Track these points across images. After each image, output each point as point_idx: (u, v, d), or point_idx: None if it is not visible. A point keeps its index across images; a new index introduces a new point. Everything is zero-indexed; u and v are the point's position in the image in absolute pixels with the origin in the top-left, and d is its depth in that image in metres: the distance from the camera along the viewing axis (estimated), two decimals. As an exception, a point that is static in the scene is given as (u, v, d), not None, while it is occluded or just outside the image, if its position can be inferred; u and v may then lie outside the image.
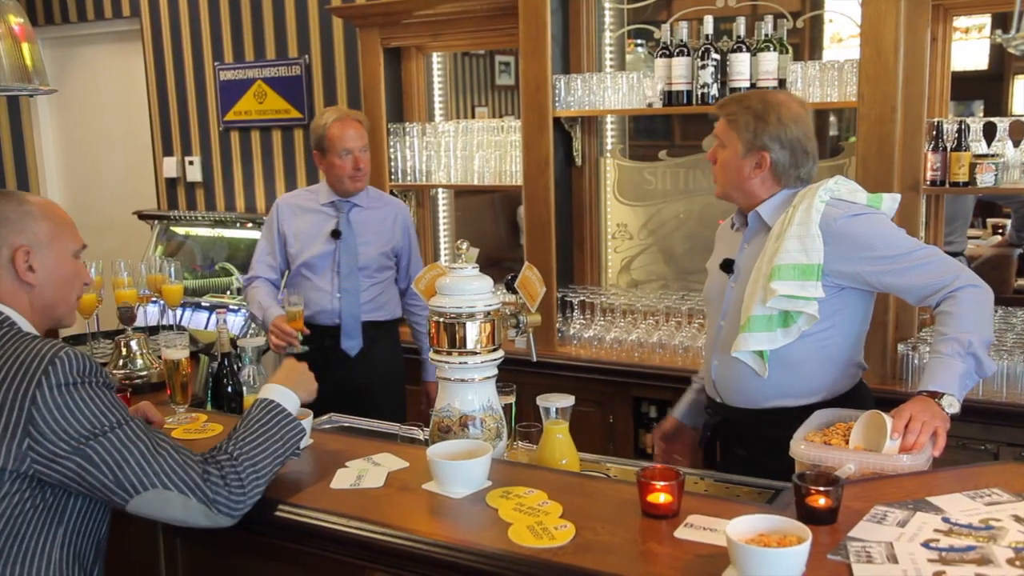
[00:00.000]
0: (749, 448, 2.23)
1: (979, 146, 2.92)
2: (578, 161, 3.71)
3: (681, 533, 1.58)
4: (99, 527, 1.72)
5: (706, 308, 2.44)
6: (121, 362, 2.75)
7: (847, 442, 1.90)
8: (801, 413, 2.06)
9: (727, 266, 2.27)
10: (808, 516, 1.55)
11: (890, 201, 2.18)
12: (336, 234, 3.14)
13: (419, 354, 3.36)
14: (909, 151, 2.92)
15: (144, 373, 2.76)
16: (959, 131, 2.89)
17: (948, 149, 2.90)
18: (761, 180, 2.18)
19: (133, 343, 2.79)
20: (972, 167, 2.87)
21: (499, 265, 4.31)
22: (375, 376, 3.24)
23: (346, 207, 3.18)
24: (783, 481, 1.94)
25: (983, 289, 2.02)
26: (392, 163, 3.99)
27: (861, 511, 1.61)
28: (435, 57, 4.18)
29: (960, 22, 3.32)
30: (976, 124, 2.94)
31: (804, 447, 1.86)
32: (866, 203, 2.14)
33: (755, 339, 2.11)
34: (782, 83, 3.09)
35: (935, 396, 1.89)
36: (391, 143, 3.98)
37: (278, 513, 1.76)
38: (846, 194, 2.13)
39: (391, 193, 4.02)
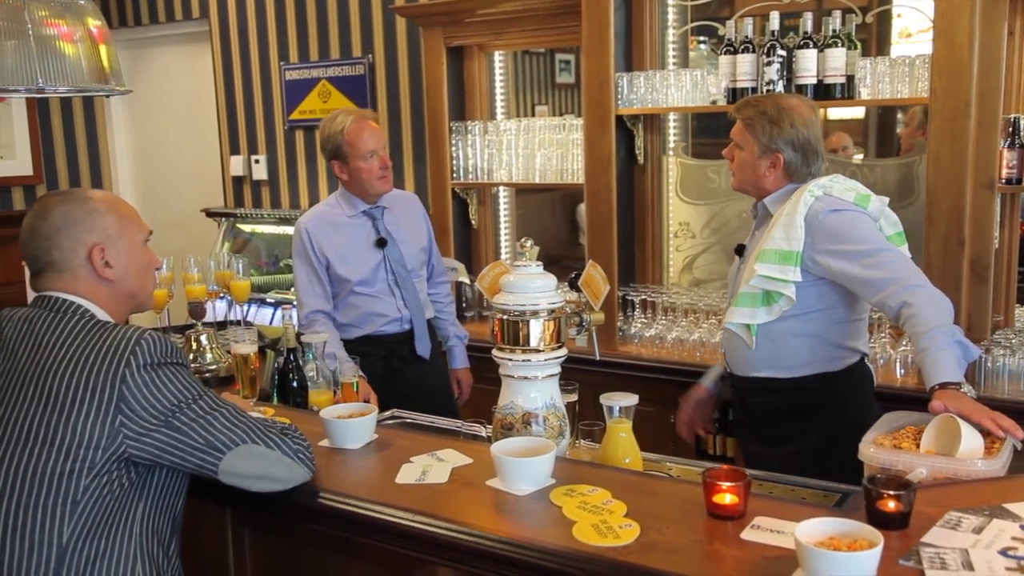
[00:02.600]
0: (748, 413, 2.47)
1: (1058, 143, 2.83)
2: (640, 159, 3.69)
3: (747, 535, 1.56)
4: (175, 503, 1.80)
5: (728, 290, 2.62)
6: (192, 356, 2.82)
7: (918, 446, 1.86)
8: (789, 384, 2.33)
9: (739, 250, 2.51)
10: (879, 520, 1.52)
11: (877, 203, 2.30)
12: (382, 243, 3.03)
13: (445, 343, 3.31)
14: (983, 148, 2.84)
15: (214, 367, 2.83)
16: (1037, 128, 2.80)
17: (1025, 146, 2.82)
18: (774, 177, 2.36)
19: (203, 337, 2.86)
20: (1050, 165, 2.78)
21: (558, 264, 4.30)
22: (447, 373, 3.27)
23: (379, 212, 3.05)
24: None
25: (934, 290, 2.11)
26: (454, 161, 4.02)
27: (934, 516, 1.57)
28: (497, 56, 4.19)
29: (1038, 15, 3.21)
30: (1055, 120, 2.85)
31: (874, 450, 1.83)
32: (853, 202, 2.26)
33: (740, 313, 2.33)
34: (850, 79, 3.03)
35: (951, 386, 1.93)
36: (453, 141, 4.00)
37: (344, 506, 1.79)
38: (837, 191, 2.27)
39: (452, 192, 4.05)
